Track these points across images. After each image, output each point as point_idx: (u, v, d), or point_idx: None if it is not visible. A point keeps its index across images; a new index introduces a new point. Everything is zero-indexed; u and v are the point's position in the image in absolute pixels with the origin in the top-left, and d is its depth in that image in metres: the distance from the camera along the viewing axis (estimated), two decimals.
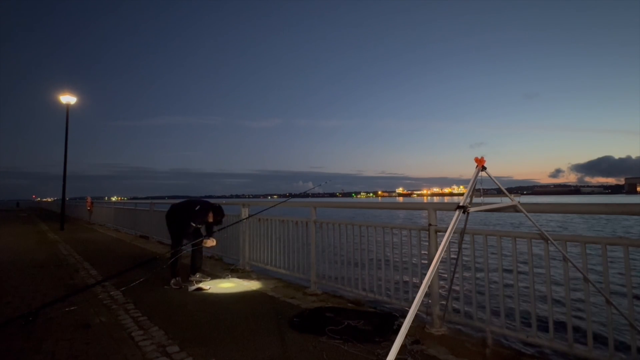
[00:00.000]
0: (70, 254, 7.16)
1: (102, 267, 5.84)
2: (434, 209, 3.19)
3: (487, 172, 2.27)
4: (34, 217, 22.00)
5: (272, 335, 2.89)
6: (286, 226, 4.87)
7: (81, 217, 18.50)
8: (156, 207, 9.42)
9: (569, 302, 2.38)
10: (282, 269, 4.91)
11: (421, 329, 2.97)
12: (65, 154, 13.41)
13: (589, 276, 2.27)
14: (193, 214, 4.59)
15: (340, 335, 2.81)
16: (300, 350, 2.60)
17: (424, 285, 1.56)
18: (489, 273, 2.80)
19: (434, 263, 1.68)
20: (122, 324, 3.18)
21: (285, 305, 3.74)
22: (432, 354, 2.53)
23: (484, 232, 2.84)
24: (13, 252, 7.49)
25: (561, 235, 2.45)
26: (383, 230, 3.60)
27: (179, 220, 4.66)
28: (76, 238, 10.11)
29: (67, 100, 13.50)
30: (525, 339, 2.55)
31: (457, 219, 1.88)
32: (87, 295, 4.04)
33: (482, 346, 2.61)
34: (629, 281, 2.17)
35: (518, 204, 2.41)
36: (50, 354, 2.60)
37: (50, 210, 31.05)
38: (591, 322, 2.29)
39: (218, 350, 2.62)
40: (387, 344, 2.63)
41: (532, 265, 2.55)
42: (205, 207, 4.70)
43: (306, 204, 4.83)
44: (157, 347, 2.68)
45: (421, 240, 3.27)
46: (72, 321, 3.25)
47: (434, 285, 3.03)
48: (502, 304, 2.68)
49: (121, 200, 25.39)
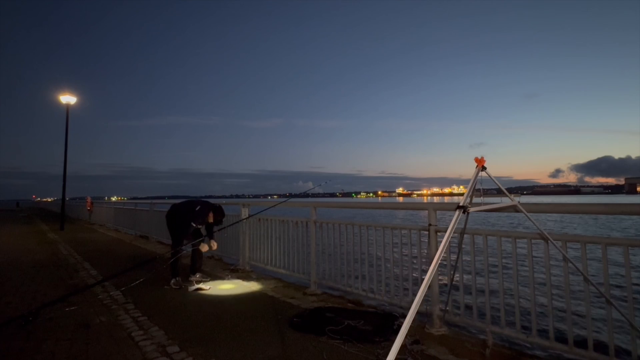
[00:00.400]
0: (70, 254, 7.17)
1: (102, 267, 5.84)
2: (434, 209, 3.19)
3: (487, 172, 2.27)
4: (34, 217, 22.00)
5: (272, 335, 2.89)
6: (286, 226, 4.87)
7: (81, 217, 18.51)
8: (156, 207, 9.42)
9: (569, 302, 2.38)
10: (282, 269, 4.92)
11: (421, 329, 2.97)
12: (65, 154, 13.41)
13: (589, 276, 2.27)
14: (193, 214, 4.58)
15: (340, 335, 2.81)
16: (300, 350, 2.60)
17: (424, 285, 1.56)
18: (489, 273, 2.80)
19: (434, 263, 1.68)
20: (122, 324, 3.18)
21: (285, 305, 3.74)
22: (432, 354, 2.53)
23: (484, 232, 2.84)
24: (13, 252, 7.49)
25: (561, 235, 2.45)
26: (383, 230, 3.60)
27: (179, 220, 4.65)
28: (76, 238, 10.11)
29: (67, 100, 13.50)
30: (525, 339, 2.54)
31: (457, 219, 1.89)
32: (87, 295, 4.05)
33: (482, 346, 2.61)
34: (629, 281, 2.18)
35: (518, 204, 2.41)
36: (50, 354, 2.60)
37: (50, 210, 31.06)
38: (591, 323, 2.29)
39: (218, 350, 2.62)
40: (387, 344, 2.63)
41: (532, 265, 2.55)
42: (206, 207, 4.69)
43: (306, 204, 4.83)
44: (157, 347, 2.68)
45: (421, 240, 3.28)
46: (72, 321, 3.26)
47: (434, 285, 3.03)
48: (502, 304, 2.68)
49: (121, 200, 25.38)
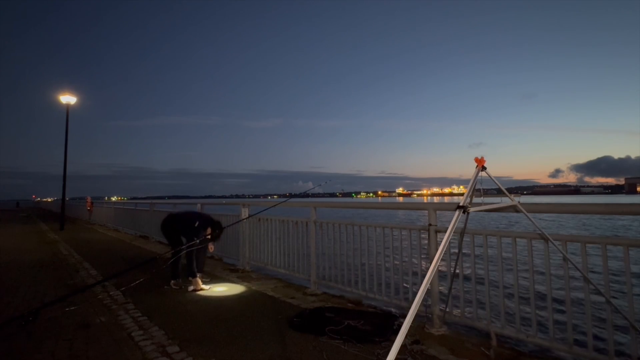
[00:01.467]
0: (70, 254, 7.17)
1: (102, 267, 5.84)
2: (434, 209, 3.19)
3: (487, 172, 2.27)
4: (34, 217, 21.99)
5: (272, 335, 2.89)
6: (286, 226, 4.87)
7: (81, 217, 18.50)
8: (156, 207, 9.43)
9: (569, 302, 2.38)
10: (282, 269, 4.92)
11: (421, 329, 2.97)
12: (65, 154, 13.41)
13: (589, 276, 2.27)
14: (192, 230, 4.51)
15: (340, 335, 2.81)
16: (300, 350, 2.60)
17: (424, 285, 1.56)
18: (489, 273, 2.80)
19: (434, 263, 1.68)
20: (122, 324, 3.18)
21: (285, 305, 3.74)
22: (432, 354, 2.53)
23: (484, 232, 2.84)
24: (13, 252, 7.49)
25: (561, 235, 2.45)
26: (383, 230, 3.60)
27: (177, 234, 4.63)
28: (76, 238, 10.11)
29: (67, 100, 13.49)
30: (526, 339, 2.55)
31: (457, 219, 1.89)
32: (87, 295, 4.05)
33: (482, 346, 2.61)
34: (629, 281, 2.18)
35: (518, 204, 2.41)
36: (50, 354, 2.60)
37: (50, 210, 31.04)
38: (591, 322, 2.29)
39: (218, 350, 2.62)
40: (387, 344, 2.64)
41: (532, 265, 2.55)
42: (205, 223, 4.63)
43: (306, 204, 4.82)
44: (157, 347, 2.68)
45: (421, 240, 3.28)
46: (72, 321, 3.26)
47: (434, 285, 3.03)
48: (502, 304, 2.68)
49: (121, 200, 25.38)
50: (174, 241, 4.65)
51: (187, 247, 4.41)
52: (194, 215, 4.74)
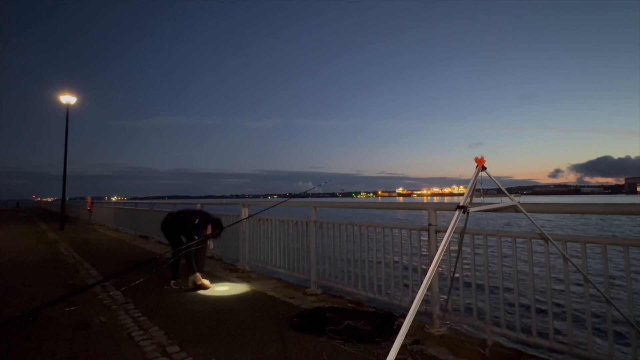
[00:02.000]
0: (70, 254, 7.16)
1: (102, 267, 5.84)
2: (434, 209, 3.19)
3: (487, 172, 2.28)
4: (34, 217, 22.00)
5: (272, 335, 2.89)
6: (286, 226, 4.87)
7: (81, 217, 18.51)
8: (156, 207, 9.42)
9: (569, 302, 2.38)
10: (282, 269, 4.91)
11: (421, 329, 2.97)
12: (65, 154, 13.41)
13: (589, 276, 2.27)
14: (192, 228, 4.51)
15: (340, 335, 2.81)
16: (300, 350, 2.60)
17: (424, 285, 1.56)
18: (489, 273, 2.80)
19: (434, 263, 1.68)
20: (122, 324, 3.18)
21: (285, 305, 3.74)
22: (432, 354, 2.53)
23: (484, 232, 2.84)
24: (13, 252, 7.49)
25: (561, 235, 2.45)
26: (383, 230, 3.60)
27: (177, 233, 4.63)
28: (76, 238, 10.11)
29: (67, 100, 13.50)
30: (525, 339, 2.55)
31: (457, 219, 1.89)
32: (87, 295, 4.05)
33: (482, 346, 2.61)
34: (629, 281, 2.17)
35: (518, 204, 2.41)
36: (50, 354, 2.60)
37: (50, 210, 31.05)
38: (591, 323, 2.29)
39: (218, 350, 2.62)
40: (387, 344, 2.63)
41: (532, 265, 2.55)
42: (204, 221, 4.63)
43: (306, 204, 4.82)
44: (157, 347, 2.68)
45: (421, 240, 3.28)
46: (72, 321, 3.26)
47: (434, 285, 3.03)
48: (502, 304, 2.68)
49: (121, 200, 25.38)
50: (174, 241, 4.66)
51: (187, 247, 4.41)
52: (193, 213, 4.77)
